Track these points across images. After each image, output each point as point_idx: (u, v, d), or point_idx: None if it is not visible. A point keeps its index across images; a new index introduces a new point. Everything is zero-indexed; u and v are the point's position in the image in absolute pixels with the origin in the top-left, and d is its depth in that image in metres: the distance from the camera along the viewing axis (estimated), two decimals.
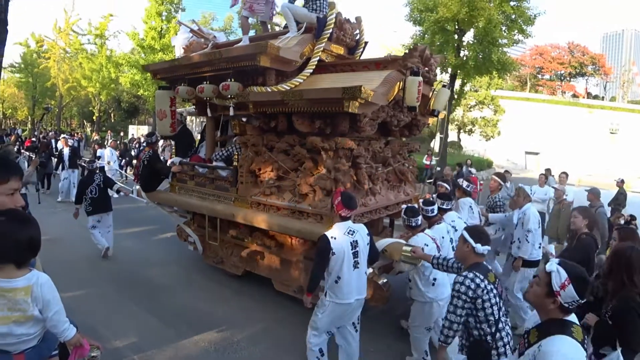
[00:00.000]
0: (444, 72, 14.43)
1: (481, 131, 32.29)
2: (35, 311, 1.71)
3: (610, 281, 3.13)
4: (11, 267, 1.68)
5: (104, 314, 5.20)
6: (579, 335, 2.08)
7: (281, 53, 5.13)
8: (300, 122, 4.99)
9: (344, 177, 4.77)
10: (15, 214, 1.73)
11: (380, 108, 5.03)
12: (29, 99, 40.12)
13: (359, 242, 3.79)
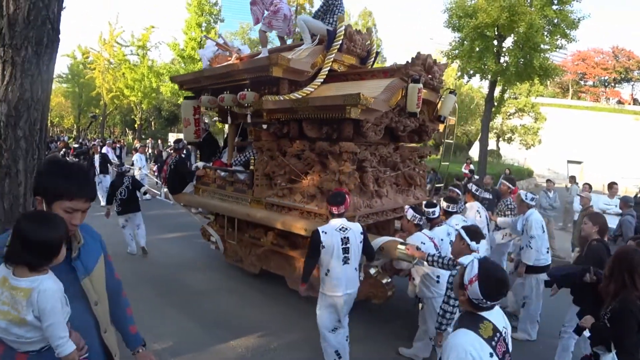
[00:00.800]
0: (484, 79, 14.13)
1: (521, 139, 31.45)
2: (29, 316, 1.66)
3: (612, 283, 3.06)
4: (24, 268, 1.68)
5: (144, 317, 5.27)
6: (486, 332, 2.02)
7: (292, 64, 5.46)
8: (309, 128, 5.35)
9: (348, 179, 5.00)
10: (42, 217, 1.71)
11: (384, 114, 5.25)
12: (75, 107, 41.89)
13: (351, 239, 3.97)
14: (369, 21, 61.46)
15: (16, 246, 1.63)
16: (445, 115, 6.11)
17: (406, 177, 6.24)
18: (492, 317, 2.10)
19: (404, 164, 6.21)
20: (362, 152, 5.28)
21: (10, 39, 2.22)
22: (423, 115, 6.07)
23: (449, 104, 6.04)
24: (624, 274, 3.01)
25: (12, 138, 2.22)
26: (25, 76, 2.23)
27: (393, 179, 6.04)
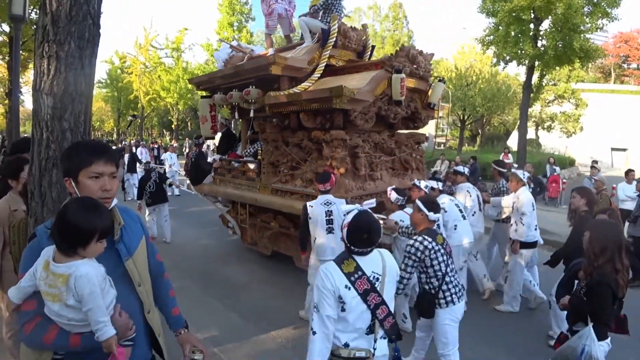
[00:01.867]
0: (521, 64, 13.67)
1: (561, 127, 30.35)
2: (70, 301, 1.67)
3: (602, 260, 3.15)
4: (59, 252, 1.70)
5: (186, 308, 5.31)
6: (348, 268, 2.44)
7: (289, 62, 6.02)
8: (306, 119, 5.88)
9: (339, 164, 5.56)
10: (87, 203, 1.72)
11: (372, 103, 5.72)
12: (115, 111, 43.25)
13: (334, 212, 4.71)
14: (400, 13, 60.80)
15: (58, 230, 1.67)
16: (434, 102, 6.55)
17: (402, 162, 6.72)
18: (361, 260, 2.49)
19: (399, 149, 6.67)
20: (354, 139, 5.84)
21: (54, 34, 2.29)
22: (415, 103, 6.52)
23: (437, 92, 6.49)
24: (614, 252, 3.13)
25: (58, 130, 2.30)
26: (69, 70, 2.31)
27: (389, 164, 6.55)
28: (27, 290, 1.68)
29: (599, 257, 3.17)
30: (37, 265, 1.68)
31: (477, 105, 26.26)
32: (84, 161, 1.81)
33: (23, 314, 1.70)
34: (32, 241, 1.79)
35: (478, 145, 35.64)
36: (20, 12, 7.30)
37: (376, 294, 2.48)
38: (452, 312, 3.62)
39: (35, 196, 2.33)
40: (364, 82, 5.57)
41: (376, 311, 2.48)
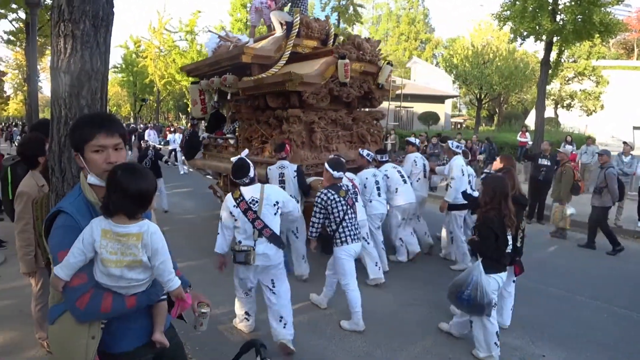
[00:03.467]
0: (538, 40, 13.34)
1: (581, 105, 29.69)
2: (144, 257, 1.81)
3: (490, 208, 3.96)
4: (123, 216, 1.80)
5: (204, 284, 5.48)
6: (235, 195, 4.07)
7: (258, 52, 6.99)
8: (271, 100, 7.00)
9: (296, 137, 6.74)
10: (129, 167, 1.82)
11: (324, 85, 6.75)
12: (131, 95, 43.59)
13: (286, 174, 5.87)
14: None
15: (117, 197, 1.76)
16: (382, 82, 7.51)
17: (359, 136, 7.75)
18: (243, 190, 4.07)
19: (357, 125, 7.71)
20: (310, 116, 6.94)
21: (69, 14, 2.35)
22: (368, 84, 7.50)
23: (384, 73, 7.45)
24: (500, 200, 3.93)
25: (76, 107, 2.37)
26: (85, 48, 2.37)
27: (347, 137, 7.61)
28: (77, 265, 1.76)
29: (487, 205, 3.99)
30: (93, 237, 1.77)
31: (494, 84, 25.82)
32: (86, 135, 1.86)
33: (74, 290, 1.76)
34: (62, 220, 1.82)
35: (495, 124, 35.14)
36: None
37: (252, 212, 3.98)
38: (346, 249, 4.62)
39: (56, 172, 2.41)
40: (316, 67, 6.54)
41: (254, 223, 3.97)
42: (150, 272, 1.89)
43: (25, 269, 3.66)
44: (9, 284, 5.50)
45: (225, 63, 7.53)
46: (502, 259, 4.02)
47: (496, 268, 3.95)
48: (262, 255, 4.00)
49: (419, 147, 7.45)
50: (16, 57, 38.35)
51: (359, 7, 21.29)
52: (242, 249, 3.99)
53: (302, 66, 6.90)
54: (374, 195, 6.09)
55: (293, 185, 5.78)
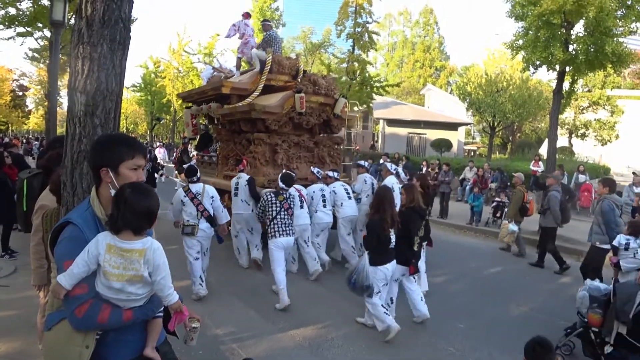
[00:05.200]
0: (551, 69, 13.37)
1: (596, 135, 29.51)
2: (145, 273, 1.91)
3: (375, 212, 4.95)
4: (129, 232, 1.90)
5: (208, 304, 5.58)
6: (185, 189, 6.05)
7: (235, 85, 8.55)
8: (243, 125, 8.47)
9: (260, 156, 8.17)
10: (137, 187, 1.95)
11: (285, 114, 8.14)
12: (148, 114, 44.44)
13: (240, 183, 7.19)
14: (430, 19, 60.49)
15: (125, 214, 1.87)
16: (337, 112, 8.80)
17: (319, 157, 8.99)
18: (191, 185, 6.03)
19: (318, 148, 8.97)
20: (274, 139, 8.24)
21: (88, 37, 2.47)
22: (327, 114, 8.82)
23: (340, 105, 8.74)
24: (385, 207, 4.87)
25: (90, 125, 2.47)
26: (101, 70, 2.48)
27: (309, 158, 8.86)
28: (80, 276, 1.85)
29: (374, 210, 4.99)
30: (98, 250, 1.87)
31: (507, 112, 25.82)
32: (126, 154, 2.03)
33: (74, 298, 1.86)
34: (70, 231, 1.94)
35: (508, 152, 35.00)
36: (60, 18, 7.72)
37: (197, 200, 5.91)
38: (275, 242, 5.90)
39: (67, 186, 2.50)
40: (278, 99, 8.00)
41: (197, 207, 5.87)
42: (150, 288, 1.98)
43: (37, 281, 3.74)
44: (18, 294, 5.59)
45: (210, 92, 9.05)
46: (384, 253, 4.89)
47: (380, 260, 4.85)
48: (202, 230, 5.86)
49: (368, 168, 8.65)
50: (39, 73, 39.51)
51: (373, 35, 21.61)
52: (189, 224, 5.83)
53: (269, 98, 8.26)
54: (319, 206, 7.17)
55: (244, 192, 7.06)
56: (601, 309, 4.29)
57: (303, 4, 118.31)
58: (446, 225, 12.24)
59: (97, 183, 2.08)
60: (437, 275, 7.43)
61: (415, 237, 5.20)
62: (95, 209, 2.02)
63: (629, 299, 3.98)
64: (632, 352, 3.90)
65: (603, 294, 4.39)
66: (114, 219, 1.89)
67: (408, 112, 31.95)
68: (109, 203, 2.00)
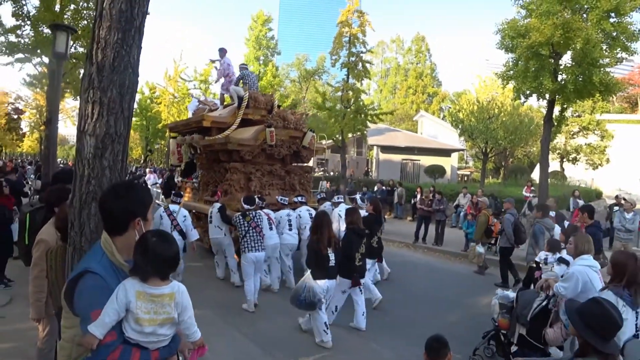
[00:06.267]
0: (541, 98, 13.72)
1: (587, 159, 29.93)
2: (175, 314, 2.02)
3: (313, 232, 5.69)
4: (157, 278, 2.00)
5: (206, 336, 5.54)
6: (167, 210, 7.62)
7: (215, 119, 9.67)
8: (221, 155, 9.42)
9: (235, 184, 9.04)
10: (160, 235, 2.04)
11: (258, 145, 9.10)
12: (143, 139, 44.54)
13: (213, 211, 8.00)
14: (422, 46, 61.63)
15: (152, 262, 1.97)
16: (305, 144, 9.75)
17: (290, 185, 9.95)
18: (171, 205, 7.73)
19: (289, 176, 9.94)
20: (249, 168, 9.18)
21: (98, 82, 2.58)
22: (297, 145, 9.79)
23: (308, 138, 9.68)
24: (323, 229, 5.51)
25: (98, 167, 2.55)
26: (110, 114, 2.58)
27: (281, 185, 9.80)
28: (111, 324, 1.92)
29: (313, 231, 5.67)
30: (127, 298, 1.94)
31: (499, 139, 26.18)
32: (149, 200, 2.23)
33: (106, 347, 1.92)
34: (92, 280, 1.97)
35: (501, 177, 35.30)
36: (63, 50, 7.86)
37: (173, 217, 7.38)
38: (246, 257, 6.69)
39: (75, 226, 2.57)
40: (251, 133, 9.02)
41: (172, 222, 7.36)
42: (175, 327, 2.09)
43: (35, 315, 3.76)
44: (13, 326, 5.54)
45: (194, 124, 10.09)
46: (323, 270, 5.43)
47: (320, 276, 5.40)
48: None
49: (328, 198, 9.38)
50: (35, 97, 39.66)
51: (367, 64, 22.02)
52: None
53: (245, 131, 9.23)
54: (285, 229, 7.88)
55: (216, 218, 7.88)
56: (508, 313, 4.87)
57: (297, 30, 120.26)
58: (441, 253, 12.30)
59: (117, 231, 2.12)
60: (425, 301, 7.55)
61: (356, 254, 5.86)
62: (111, 256, 2.07)
63: (527, 304, 4.50)
64: (533, 350, 4.35)
65: (510, 300, 4.97)
66: (141, 268, 1.98)
67: (402, 139, 32.33)
68: (125, 249, 2.09)
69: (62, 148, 67.94)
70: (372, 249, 7.19)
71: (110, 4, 2.60)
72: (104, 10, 2.61)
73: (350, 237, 5.94)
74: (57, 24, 8.38)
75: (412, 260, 11.39)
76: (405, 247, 13.18)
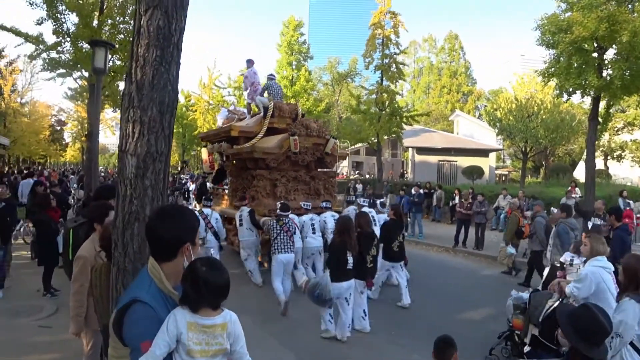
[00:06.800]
0: (585, 95, 13.14)
1: (633, 156, 28.61)
2: (227, 345, 1.96)
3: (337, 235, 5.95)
4: (208, 309, 1.94)
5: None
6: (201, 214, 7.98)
7: (242, 128, 10.10)
8: (248, 163, 9.96)
9: (262, 190, 9.51)
10: (210, 263, 1.96)
11: (283, 153, 9.49)
12: (179, 146, 45.49)
13: (243, 215, 8.41)
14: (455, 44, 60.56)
15: (204, 293, 1.90)
16: (328, 151, 10.08)
17: (315, 190, 10.33)
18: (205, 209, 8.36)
19: (314, 181, 10.33)
20: (274, 174, 9.62)
21: (138, 101, 2.55)
22: (320, 152, 10.11)
23: (330, 144, 10.04)
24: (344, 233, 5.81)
25: (140, 187, 2.52)
26: (151, 133, 2.54)
27: (306, 191, 10.18)
28: (162, 357, 1.86)
29: (337, 235, 5.90)
30: (179, 329, 1.88)
31: (539, 137, 25.34)
32: (197, 223, 2.20)
33: None
34: (142, 310, 1.90)
35: (542, 177, 34.19)
36: (102, 65, 8.06)
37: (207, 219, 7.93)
38: (276, 258, 7.24)
39: (119, 247, 2.55)
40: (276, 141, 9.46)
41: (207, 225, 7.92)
42: (227, 358, 2.02)
43: (74, 330, 3.82)
44: (59, 336, 5.61)
45: (223, 134, 10.64)
46: (343, 272, 5.70)
47: (338, 278, 5.66)
48: (208, 240, 7.70)
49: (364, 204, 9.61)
50: (77, 109, 41.15)
51: (401, 65, 21.75)
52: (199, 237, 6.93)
53: (270, 140, 9.68)
54: (309, 233, 8.26)
55: (246, 222, 8.29)
56: (522, 314, 5.00)
57: (328, 33, 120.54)
58: (482, 257, 11.93)
59: (166, 257, 2.04)
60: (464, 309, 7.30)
61: (367, 256, 6.19)
62: (160, 285, 2.00)
63: (539, 304, 4.60)
64: (546, 351, 4.38)
65: (523, 301, 5.10)
66: (192, 299, 1.91)
67: (438, 140, 31.74)
68: (173, 275, 2.02)
69: (102, 157, 70.31)
70: (394, 253, 7.56)
71: (148, 21, 2.56)
72: (141, 28, 2.57)
73: (362, 241, 6.15)
74: (95, 40, 8.65)
75: (452, 265, 11.11)
76: (445, 252, 12.87)
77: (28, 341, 5.60)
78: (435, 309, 7.51)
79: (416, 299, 7.62)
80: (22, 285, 7.87)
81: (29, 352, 5.26)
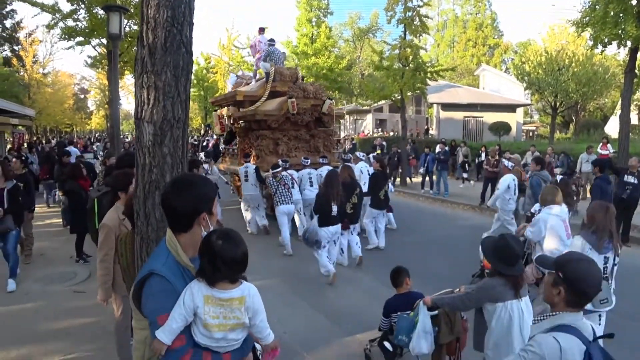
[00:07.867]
0: (622, 46, 12.40)
1: None
2: (246, 319, 1.90)
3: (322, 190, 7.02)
4: (226, 282, 1.88)
5: (275, 306, 5.55)
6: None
7: (246, 93, 10.88)
8: (253, 124, 10.70)
9: (265, 148, 10.32)
10: (226, 236, 1.87)
11: (283, 114, 10.20)
12: (202, 109, 45.55)
13: (249, 171, 9.26)
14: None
15: (220, 266, 1.82)
16: (324, 111, 10.81)
17: (315, 147, 11.11)
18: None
19: (314, 139, 11.14)
20: (276, 134, 10.46)
21: (152, 65, 2.44)
22: (318, 112, 10.82)
23: (326, 105, 10.76)
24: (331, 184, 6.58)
25: (159, 155, 2.45)
26: (166, 98, 2.45)
27: (306, 148, 11.00)
28: (179, 330, 1.83)
29: (323, 186, 6.76)
30: (195, 303, 1.84)
31: (570, 92, 24.32)
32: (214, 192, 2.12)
33: (176, 351, 1.84)
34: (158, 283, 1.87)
35: (572, 133, 33.11)
36: (117, 31, 7.97)
37: None
38: (279, 209, 8.24)
39: (141, 216, 2.51)
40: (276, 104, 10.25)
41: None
42: (247, 330, 1.97)
43: (102, 297, 3.94)
44: (93, 301, 5.70)
45: (230, 99, 11.46)
46: (328, 218, 6.47)
47: (324, 223, 6.47)
48: None
49: (362, 159, 11.25)
50: (99, 77, 41.43)
51: (425, 18, 20.87)
52: None
53: (271, 103, 10.46)
54: (307, 186, 9.16)
55: (252, 178, 9.21)
56: None
57: None
58: None
59: (182, 229, 1.98)
60: None
61: (347, 204, 6.98)
62: (178, 257, 1.95)
63: None
64: None
65: None
66: (208, 273, 1.85)
67: (463, 95, 30.78)
68: (191, 246, 1.97)
69: (127, 122, 71.04)
70: (380, 201, 8.33)
71: None
72: None
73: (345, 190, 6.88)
74: (109, 5, 8.51)
75: (479, 224, 10.96)
76: (471, 210, 12.70)
77: (64, 306, 5.76)
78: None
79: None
80: (55, 252, 8.11)
81: (66, 317, 5.44)
